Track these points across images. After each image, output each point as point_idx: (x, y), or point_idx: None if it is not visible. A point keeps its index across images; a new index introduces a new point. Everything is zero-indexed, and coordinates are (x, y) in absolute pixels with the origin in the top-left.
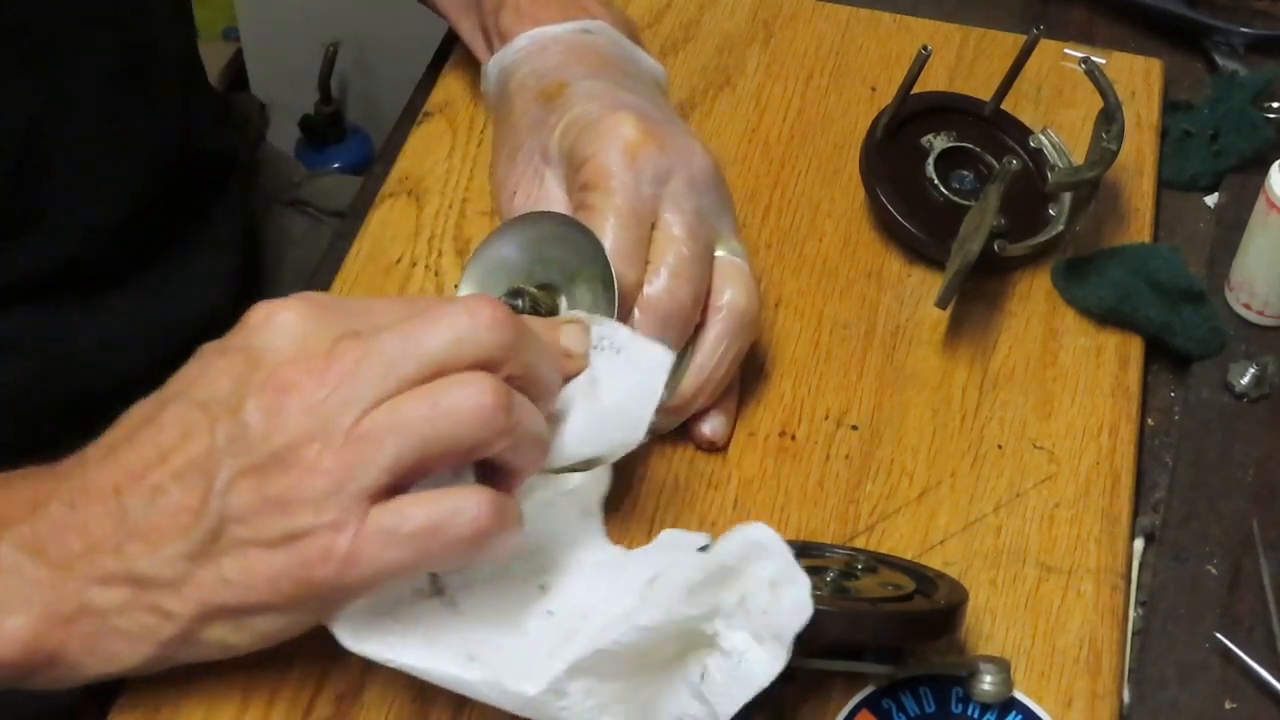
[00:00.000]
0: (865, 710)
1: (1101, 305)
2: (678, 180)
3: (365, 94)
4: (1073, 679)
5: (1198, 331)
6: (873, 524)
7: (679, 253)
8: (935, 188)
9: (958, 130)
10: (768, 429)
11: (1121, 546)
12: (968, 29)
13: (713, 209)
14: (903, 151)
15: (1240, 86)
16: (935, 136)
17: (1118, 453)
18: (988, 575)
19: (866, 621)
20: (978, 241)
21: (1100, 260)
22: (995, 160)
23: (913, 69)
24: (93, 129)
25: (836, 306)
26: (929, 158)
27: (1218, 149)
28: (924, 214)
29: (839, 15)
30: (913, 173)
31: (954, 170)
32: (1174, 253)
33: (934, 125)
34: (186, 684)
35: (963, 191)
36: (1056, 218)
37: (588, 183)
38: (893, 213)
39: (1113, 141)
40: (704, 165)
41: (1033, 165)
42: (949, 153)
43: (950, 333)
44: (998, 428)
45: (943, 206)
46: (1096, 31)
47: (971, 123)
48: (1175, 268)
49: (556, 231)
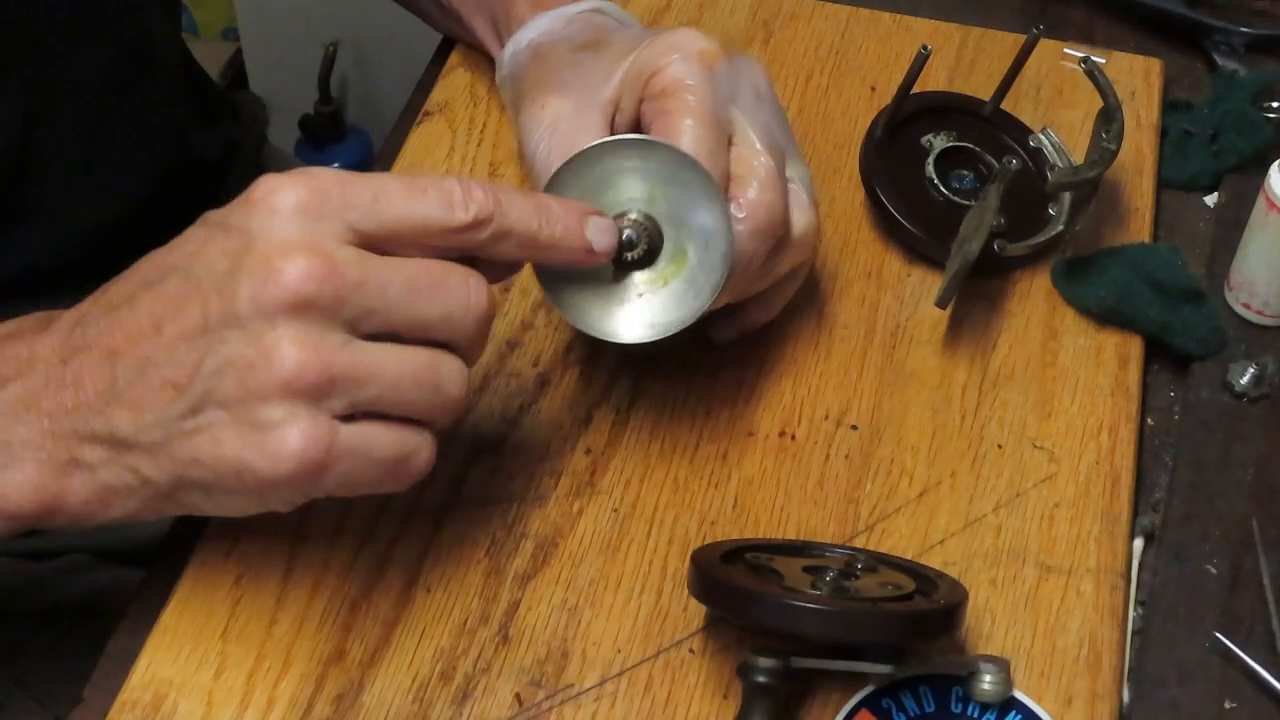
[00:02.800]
0: (865, 710)
1: (1102, 305)
2: (746, 93)
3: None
4: (1073, 679)
5: (1198, 331)
6: (873, 524)
7: (767, 165)
8: (935, 188)
9: (957, 130)
10: (768, 429)
11: (1121, 546)
12: (968, 29)
13: (778, 127)
14: (903, 151)
15: (1240, 86)
16: (935, 136)
17: (1118, 453)
18: (988, 575)
19: (866, 621)
20: (977, 241)
21: (1100, 260)
22: (995, 160)
23: (912, 69)
24: (88, 126)
25: (836, 306)
26: (929, 158)
27: (1218, 149)
28: (924, 214)
29: (839, 15)
30: (913, 173)
31: (954, 170)
32: (1173, 253)
33: (934, 125)
34: (186, 683)
35: (963, 191)
36: (1056, 218)
37: (664, 89)
38: (893, 213)
39: (1112, 141)
40: (767, 83)
41: (1033, 165)
42: (949, 152)
43: (950, 333)
44: (998, 427)
45: (942, 206)
46: (1096, 31)
47: (971, 123)
48: (1175, 268)
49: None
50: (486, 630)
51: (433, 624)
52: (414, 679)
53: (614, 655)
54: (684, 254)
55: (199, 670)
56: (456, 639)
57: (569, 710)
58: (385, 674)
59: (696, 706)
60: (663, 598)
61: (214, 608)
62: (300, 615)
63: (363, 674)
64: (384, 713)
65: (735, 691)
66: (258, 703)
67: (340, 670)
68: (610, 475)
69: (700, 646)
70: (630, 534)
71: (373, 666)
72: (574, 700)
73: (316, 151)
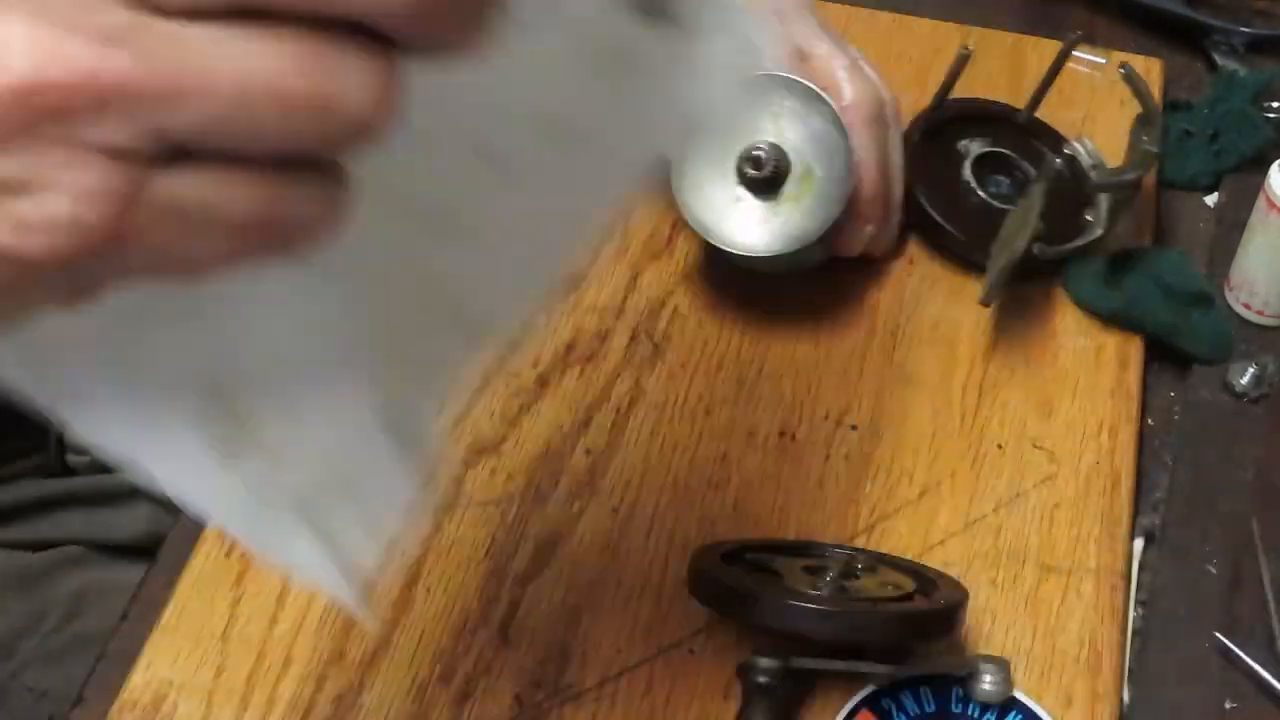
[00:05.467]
0: (865, 710)
1: (1110, 306)
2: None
3: None
4: (1073, 679)
5: (1206, 335)
6: (873, 524)
7: (843, 63)
8: (973, 191)
9: (993, 136)
10: (768, 429)
11: (1121, 546)
12: (967, 29)
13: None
14: (939, 155)
15: (1240, 86)
16: (971, 141)
17: (1118, 453)
18: (988, 575)
19: (866, 621)
20: (1024, 237)
21: (1110, 263)
22: (1031, 166)
23: (953, 69)
24: None
25: (837, 306)
26: (966, 161)
27: (1218, 149)
28: (962, 216)
29: (839, 15)
30: (950, 176)
31: (989, 175)
32: (1184, 257)
33: (969, 130)
34: (185, 683)
35: (1000, 196)
36: (1094, 222)
37: None
38: (932, 214)
39: (1153, 145)
40: None
41: (1069, 172)
42: (984, 158)
43: (950, 333)
44: (998, 428)
45: (980, 209)
46: (1096, 31)
47: (1006, 129)
48: (1185, 272)
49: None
50: (486, 631)
51: (433, 624)
52: (414, 679)
53: (614, 655)
54: (810, 173)
55: (199, 670)
56: (456, 639)
57: (569, 710)
58: (385, 674)
59: (696, 706)
60: (663, 598)
61: (214, 608)
62: (300, 615)
63: (363, 674)
64: (384, 713)
65: (735, 691)
66: (258, 703)
67: (340, 670)
68: (610, 475)
69: (700, 646)
70: (630, 534)
71: (373, 666)
72: (574, 700)
73: None
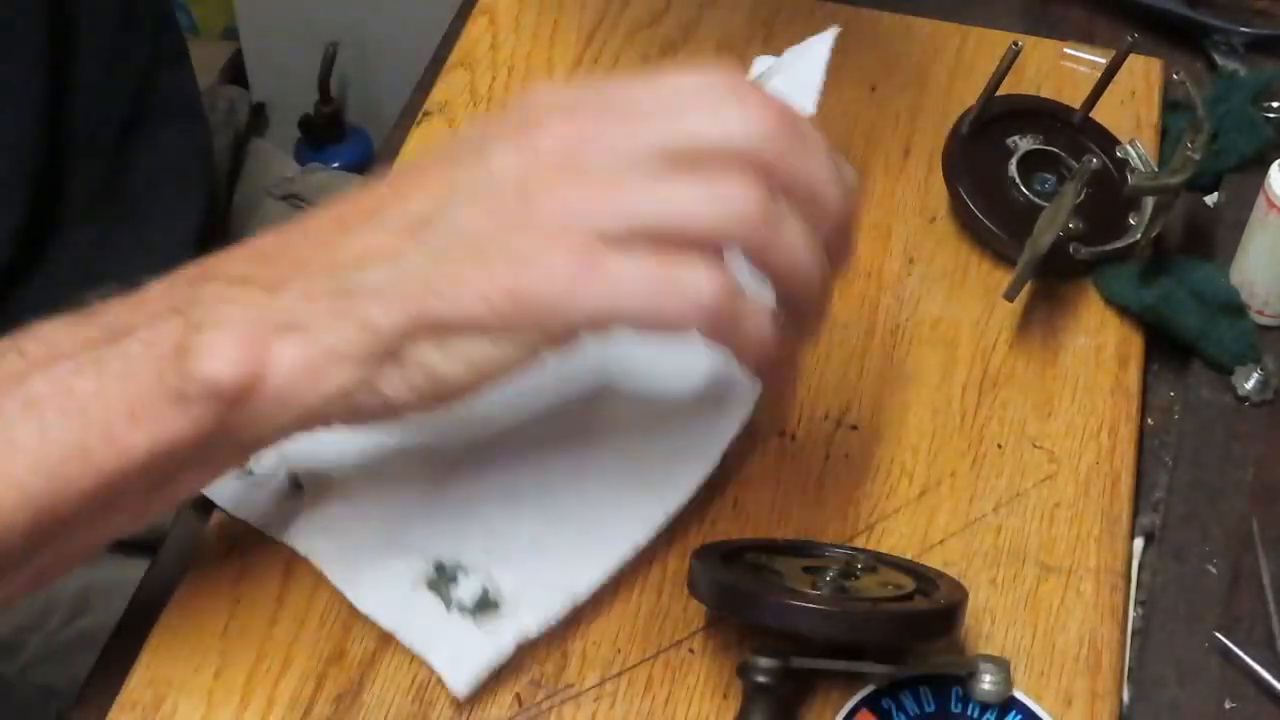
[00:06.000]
0: (865, 710)
1: (1141, 303)
2: None
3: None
4: (1072, 678)
5: (1233, 344)
6: (873, 524)
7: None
8: (1016, 188)
9: (1044, 135)
10: (767, 429)
11: (1121, 546)
12: (967, 29)
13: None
14: (986, 150)
15: (1240, 86)
16: (1021, 138)
17: (1118, 452)
18: (988, 575)
19: (866, 621)
20: (1049, 235)
21: (1145, 265)
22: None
23: (1001, 65)
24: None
25: (836, 306)
26: (1013, 158)
27: (1218, 149)
28: (1004, 212)
29: (839, 15)
30: (995, 171)
31: (1037, 173)
32: (1217, 269)
33: (1020, 127)
34: (185, 683)
35: (1044, 194)
36: (1136, 226)
37: None
38: (971, 208)
39: (1197, 151)
40: None
41: (1117, 175)
42: (1033, 155)
43: (950, 332)
44: (998, 427)
45: (1023, 207)
46: (1097, 31)
47: (1059, 128)
48: (1217, 282)
49: None
50: None
51: None
52: (414, 679)
53: (614, 655)
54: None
55: (199, 670)
56: None
57: (569, 710)
58: (385, 674)
59: (696, 706)
60: (663, 598)
61: (214, 607)
62: (300, 615)
63: (363, 674)
64: (384, 713)
65: (735, 691)
66: (258, 703)
67: (340, 670)
68: None
69: (700, 646)
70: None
71: (373, 666)
72: (574, 700)
73: (316, 151)
